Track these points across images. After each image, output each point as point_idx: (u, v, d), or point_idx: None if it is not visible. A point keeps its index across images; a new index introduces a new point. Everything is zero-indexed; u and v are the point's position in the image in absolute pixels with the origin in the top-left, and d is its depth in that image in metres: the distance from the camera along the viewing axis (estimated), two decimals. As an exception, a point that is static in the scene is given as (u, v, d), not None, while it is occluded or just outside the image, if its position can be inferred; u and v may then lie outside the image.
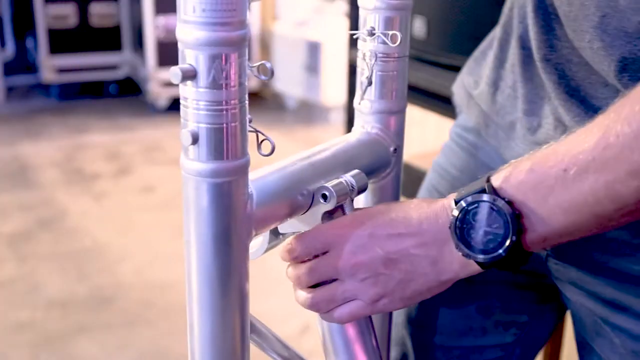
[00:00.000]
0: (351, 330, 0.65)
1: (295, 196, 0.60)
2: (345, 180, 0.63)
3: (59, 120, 4.00)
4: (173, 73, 0.49)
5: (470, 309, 0.82)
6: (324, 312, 0.63)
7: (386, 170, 0.72)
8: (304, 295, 0.63)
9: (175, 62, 0.50)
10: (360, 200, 0.74)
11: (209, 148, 0.51)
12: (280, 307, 2.16)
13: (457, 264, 0.58)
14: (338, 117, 3.85)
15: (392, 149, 0.71)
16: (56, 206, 2.92)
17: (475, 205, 0.56)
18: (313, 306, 0.62)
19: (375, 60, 0.69)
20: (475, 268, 0.58)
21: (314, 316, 0.67)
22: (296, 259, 0.63)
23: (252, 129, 0.56)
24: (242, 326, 0.57)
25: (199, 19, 0.48)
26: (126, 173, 3.29)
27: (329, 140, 0.68)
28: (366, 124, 0.71)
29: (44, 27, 4.17)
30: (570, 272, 0.71)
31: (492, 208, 0.55)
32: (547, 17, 0.68)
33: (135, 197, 3.04)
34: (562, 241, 0.56)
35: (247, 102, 0.52)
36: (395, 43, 0.67)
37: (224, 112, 0.50)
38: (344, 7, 3.48)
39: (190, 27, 0.48)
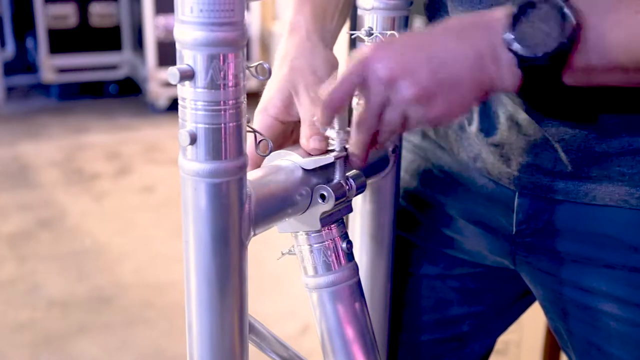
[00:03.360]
0: (350, 331, 0.65)
1: (294, 196, 0.60)
2: (344, 180, 0.63)
3: (59, 120, 4.00)
4: (171, 73, 0.49)
5: (426, 305, 0.84)
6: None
7: (385, 169, 0.72)
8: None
9: (175, 62, 0.50)
10: (359, 201, 0.74)
11: (207, 148, 0.51)
12: (280, 307, 2.16)
13: (499, 64, 0.55)
14: (338, 117, 3.85)
15: (390, 148, 0.71)
16: (56, 206, 2.92)
17: (539, 2, 0.54)
18: (374, 126, 0.60)
19: (374, 61, 0.68)
20: (512, 72, 0.55)
21: (313, 316, 0.67)
22: (341, 103, 0.59)
23: (250, 129, 0.56)
24: (240, 326, 0.57)
25: (197, 19, 0.48)
26: (126, 173, 3.29)
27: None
28: (365, 124, 0.71)
29: (44, 27, 4.17)
30: (540, 262, 0.72)
31: (556, 7, 0.53)
32: None
33: (135, 197, 3.04)
34: (599, 80, 0.56)
35: (245, 102, 0.52)
36: (393, 43, 0.67)
37: (222, 112, 0.50)
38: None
39: (188, 28, 0.48)
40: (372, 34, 0.68)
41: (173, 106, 4.10)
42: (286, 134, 0.69)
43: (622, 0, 0.54)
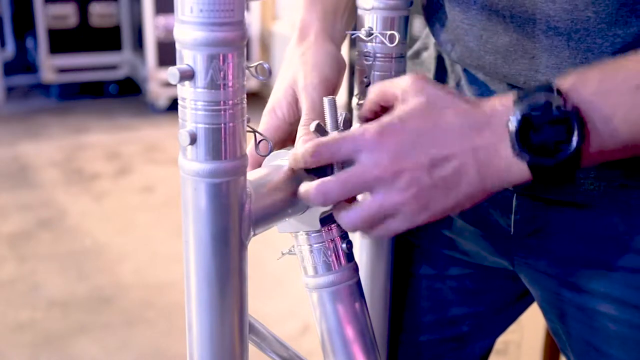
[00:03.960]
0: (350, 331, 0.65)
1: (294, 196, 0.60)
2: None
3: (59, 120, 4.00)
4: (171, 73, 0.49)
5: (426, 305, 0.84)
6: (363, 232, 0.59)
7: (385, 170, 0.72)
8: (341, 215, 0.58)
9: (175, 62, 0.50)
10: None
11: (207, 148, 0.51)
12: (280, 307, 2.16)
13: (505, 169, 0.55)
14: (338, 117, 3.85)
15: None
16: (56, 206, 2.92)
17: (541, 106, 0.53)
18: (351, 227, 0.58)
19: (374, 61, 0.69)
20: (521, 175, 0.54)
21: (314, 316, 0.67)
22: (317, 163, 0.58)
23: (250, 129, 0.56)
24: (240, 326, 0.57)
25: (197, 19, 0.47)
26: (126, 173, 3.29)
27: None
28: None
29: (44, 27, 4.17)
30: (538, 263, 0.72)
31: (558, 110, 0.52)
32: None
33: (135, 197, 3.04)
34: (612, 158, 0.55)
35: (245, 102, 0.52)
36: (393, 43, 0.67)
37: (222, 112, 0.50)
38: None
39: (188, 28, 0.48)
40: (372, 34, 0.68)
41: (173, 106, 4.10)
42: (293, 135, 0.69)
43: (619, 75, 0.53)
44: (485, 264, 0.79)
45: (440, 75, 0.78)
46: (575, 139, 0.52)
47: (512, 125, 0.53)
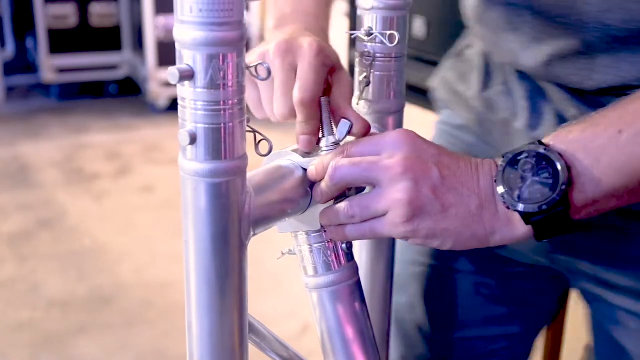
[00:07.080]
0: (350, 331, 0.65)
1: (294, 196, 0.60)
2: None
3: (59, 120, 4.00)
4: (171, 73, 0.49)
5: (476, 301, 0.84)
6: (352, 223, 0.59)
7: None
8: (340, 204, 0.59)
9: (175, 62, 0.50)
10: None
11: (207, 148, 0.51)
12: (280, 307, 2.16)
13: (499, 221, 0.55)
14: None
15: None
16: (56, 206, 2.92)
17: (525, 155, 0.54)
18: (348, 211, 0.58)
19: (373, 61, 0.69)
20: (517, 231, 0.55)
21: (314, 316, 0.67)
22: (345, 156, 0.59)
23: (249, 129, 0.56)
24: (240, 326, 0.57)
25: (196, 19, 0.48)
26: (126, 173, 3.29)
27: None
28: (365, 124, 0.71)
29: (44, 27, 4.17)
30: (577, 264, 0.72)
31: (541, 157, 0.54)
32: None
33: (135, 197, 3.04)
34: (608, 207, 0.55)
35: (244, 102, 0.52)
36: (393, 43, 0.67)
37: (222, 112, 0.50)
38: (344, 7, 3.48)
39: (188, 28, 0.48)
40: (372, 34, 0.68)
41: (173, 106, 4.10)
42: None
43: (601, 122, 0.54)
44: (524, 261, 0.79)
45: (487, 73, 0.78)
46: (560, 182, 0.53)
47: (500, 175, 0.55)
